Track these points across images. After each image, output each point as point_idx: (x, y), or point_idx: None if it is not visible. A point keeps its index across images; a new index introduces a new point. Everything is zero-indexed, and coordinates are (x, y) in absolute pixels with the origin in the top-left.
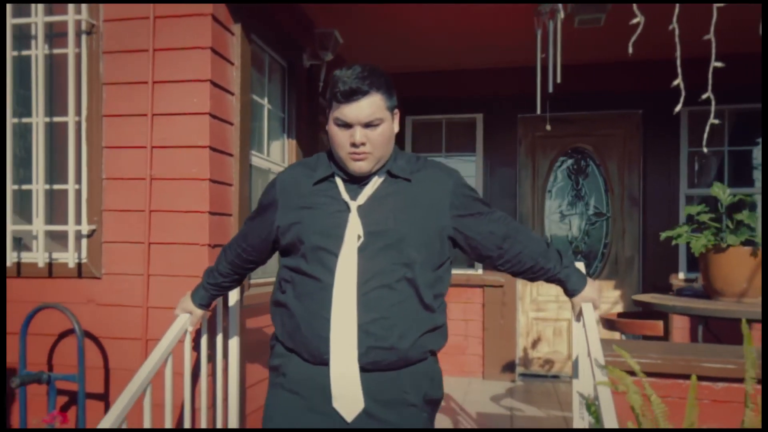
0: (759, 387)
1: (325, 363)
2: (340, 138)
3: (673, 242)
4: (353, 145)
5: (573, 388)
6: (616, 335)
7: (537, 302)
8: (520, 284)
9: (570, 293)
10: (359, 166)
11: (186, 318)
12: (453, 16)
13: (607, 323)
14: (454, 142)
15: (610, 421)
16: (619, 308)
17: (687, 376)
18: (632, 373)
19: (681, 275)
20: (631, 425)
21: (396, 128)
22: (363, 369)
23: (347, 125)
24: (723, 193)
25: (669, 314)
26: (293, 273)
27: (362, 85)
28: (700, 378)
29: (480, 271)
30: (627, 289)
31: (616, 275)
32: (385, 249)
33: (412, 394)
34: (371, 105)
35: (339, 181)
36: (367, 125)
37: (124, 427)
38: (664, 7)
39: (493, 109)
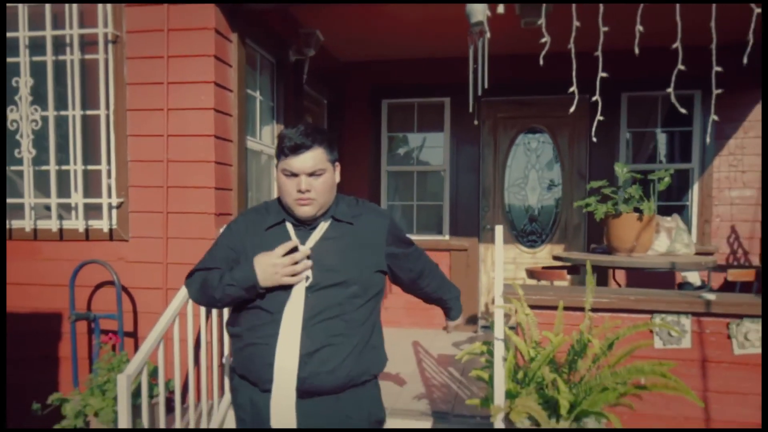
0: (598, 315)
1: (269, 390)
2: (288, 186)
3: (584, 210)
4: (299, 191)
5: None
6: (544, 282)
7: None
8: (482, 248)
9: (450, 318)
10: (304, 211)
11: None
12: (418, 15)
13: (530, 273)
14: (425, 122)
15: (498, 329)
16: None
17: (573, 308)
18: (539, 306)
19: None
20: (512, 334)
21: (337, 178)
22: (306, 394)
23: (294, 175)
24: (621, 170)
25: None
26: (247, 308)
27: (306, 140)
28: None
29: (447, 237)
30: (574, 250)
31: (565, 239)
32: (332, 286)
33: (355, 417)
34: (314, 157)
35: (289, 226)
36: (311, 174)
37: (161, 348)
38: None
39: (459, 94)
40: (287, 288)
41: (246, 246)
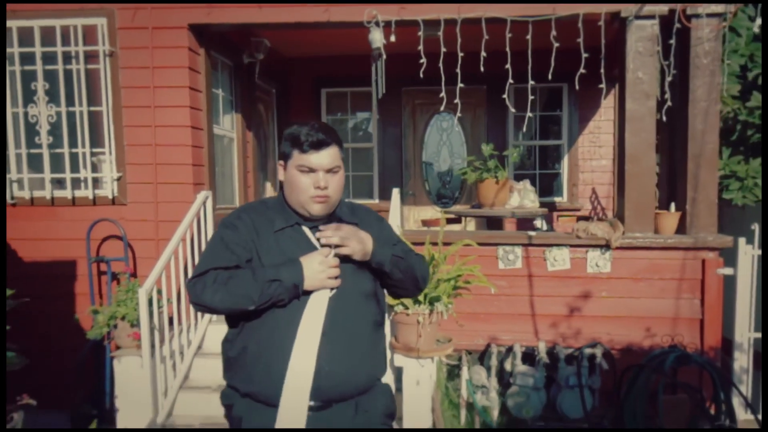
0: (446, 247)
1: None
2: (304, 182)
3: (462, 177)
4: (317, 188)
5: None
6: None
7: (417, 222)
8: (405, 209)
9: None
10: (319, 209)
11: (185, 226)
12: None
13: (423, 222)
14: (357, 107)
15: None
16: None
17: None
18: (416, 243)
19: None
20: None
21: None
22: (326, 403)
23: (311, 170)
24: (486, 148)
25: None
26: (259, 318)
27: (326, 137)
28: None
29: (377, 201)
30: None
31: (470, 200)
32: (349, 289)
33: (372, 411)
34: (332, 154)
35: (306, 230)
36: (329, 171)
37: (164, 276)
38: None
39: (384, 79)
40: (306, 294)
41: (257, 247)
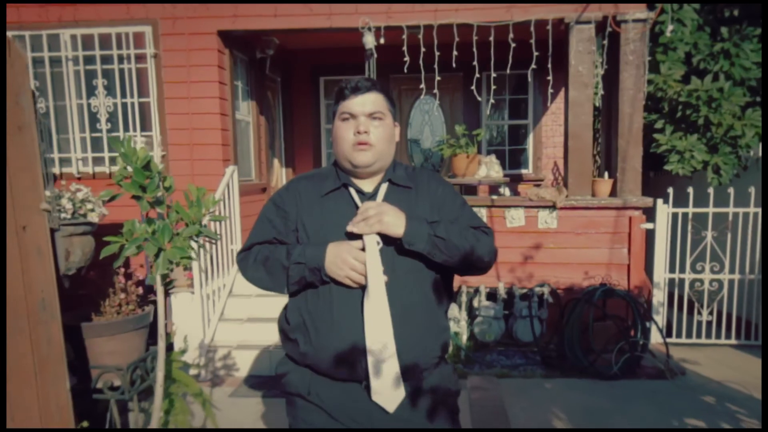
0: None
1: (346, 379)
2: (344, 131)
3: (439, 152)
4: (357, 133)
5: None
6: None
7: None
8: None
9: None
10: (363, 158)
11: (221, 191)
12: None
13: None
14: None
15: None
16: None
17: None
18: None
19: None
20: None
21: (396, 137)
22: (405, 376)
23: (352, 116)
24: (459, 129)
25: None
26: (314, 290)
27: (367, 83)
28: None
29: None
30: None
31: (448, 172)
32: (398, 259)
33: (448, 386)
34: (373, 99)
35: (353, 192)
36: (371, 116)
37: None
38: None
39: (375, 71)
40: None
41: (301, 214)
